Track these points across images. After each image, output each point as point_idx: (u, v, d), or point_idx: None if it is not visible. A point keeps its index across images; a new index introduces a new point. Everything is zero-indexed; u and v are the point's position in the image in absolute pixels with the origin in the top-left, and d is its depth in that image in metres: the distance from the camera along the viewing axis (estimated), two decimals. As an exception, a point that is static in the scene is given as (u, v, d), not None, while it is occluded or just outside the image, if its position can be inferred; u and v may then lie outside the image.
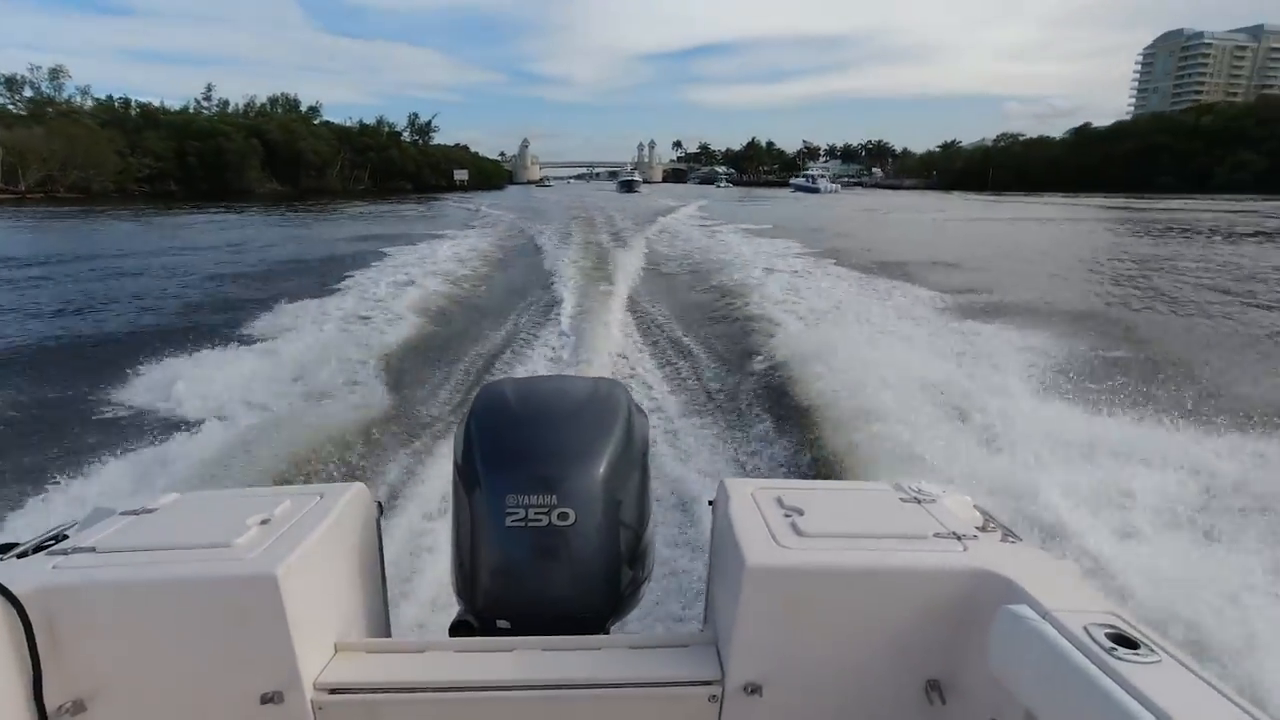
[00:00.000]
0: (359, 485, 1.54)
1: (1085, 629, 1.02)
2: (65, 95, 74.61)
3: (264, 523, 1.35)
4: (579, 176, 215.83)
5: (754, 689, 1.28)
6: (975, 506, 1.51)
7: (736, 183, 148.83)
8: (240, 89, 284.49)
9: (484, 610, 1.42)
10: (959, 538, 1.31)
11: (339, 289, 12.04)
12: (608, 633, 1.46)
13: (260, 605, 1.19)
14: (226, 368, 6.84)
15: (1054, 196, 71.86)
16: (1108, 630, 1.01)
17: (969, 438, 4.71)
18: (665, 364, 7.74)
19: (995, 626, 1.12)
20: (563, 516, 1.36)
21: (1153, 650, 0.97)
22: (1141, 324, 10.45)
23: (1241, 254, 19.81)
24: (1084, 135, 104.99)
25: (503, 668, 1.30)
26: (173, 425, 5.36)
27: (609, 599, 1.43)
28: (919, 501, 1.46)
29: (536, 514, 1.35)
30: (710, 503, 1.60)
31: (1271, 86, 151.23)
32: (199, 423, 5.28)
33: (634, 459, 1.49)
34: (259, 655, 1.22)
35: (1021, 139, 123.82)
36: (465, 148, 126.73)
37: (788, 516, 1.37)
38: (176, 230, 28.91)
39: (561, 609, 1.39)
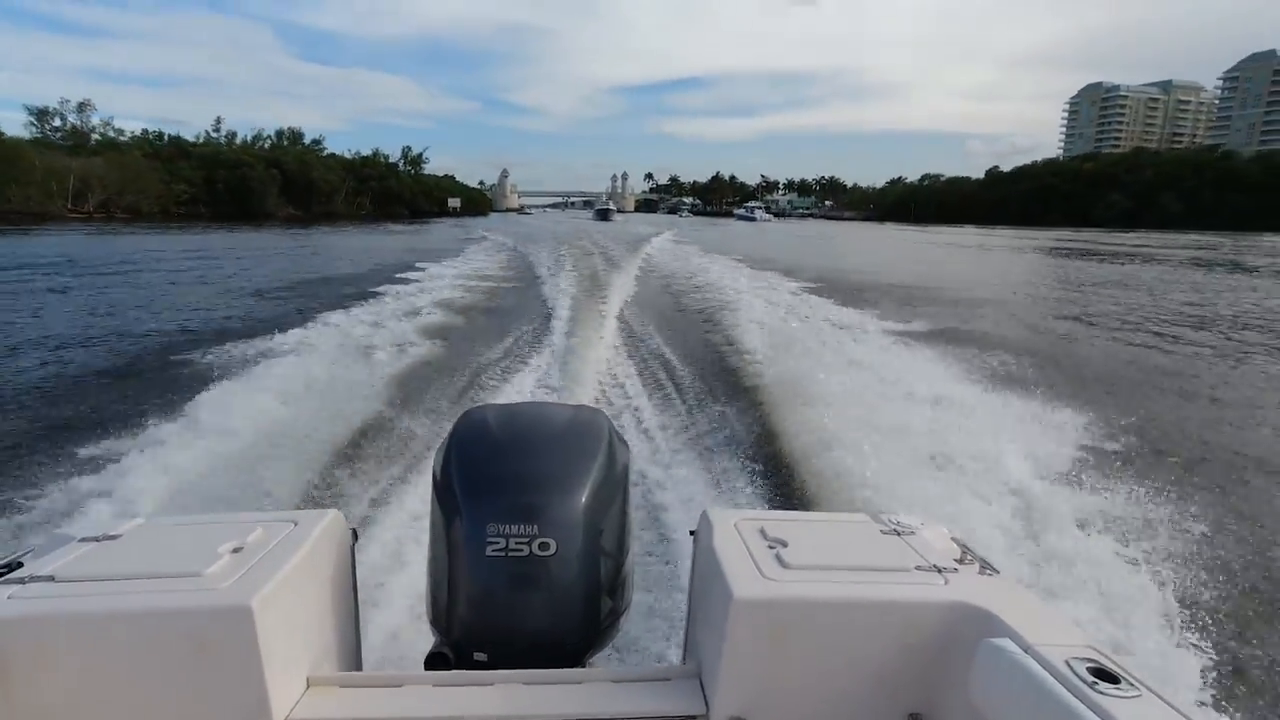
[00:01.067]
0: (334, 512, 1.52)
1: (1067, 663, 1.02)
2: (90, 124, 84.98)
3: (236, 551, 1.30)
4: (554, 205, 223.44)
5: None
6: (953, 538, 1.53)
7: (698, 212, 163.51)
8: (209, 111, 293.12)
9: (460, 641, 1.39)
10: (939, 570, 1.32)
11: (337, 308, 12.29)
12: (585, 665, 1.44)
13: (232, 638, 1.14)
14: (209, 388, 6.46)
15: (966, 227, 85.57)
16: (1089, 664, 1.02)
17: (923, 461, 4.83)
18: (649, 387, 7.76)
19: (977, 659, 1.13)
20: (544, 546, 1.34)
21: (1133, 685, 0.98)
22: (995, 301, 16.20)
23: (1099, 270, 28.10)
24: (992, 176, 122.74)
25: (483, 702, 1.26)
26: (140, 446, 5.00)
27: (588, 630, 1.41)
28: (898, 533, 1.47)
29: (518, 543, 1.33)
30: (691, 533, 1.60)
31: (1181, 134, 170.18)
32: (164, 444, 4.95)
33: (615, 488, 1.49)
34: (229, 691, 1.16)
35: (943, 178, 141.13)
36: (451, 177, 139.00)
37: (771, 548, 1.36)
38: (227, 245, 33.48)
39: (540, 640, 1.37)
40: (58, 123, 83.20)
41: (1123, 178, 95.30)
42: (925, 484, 4.39)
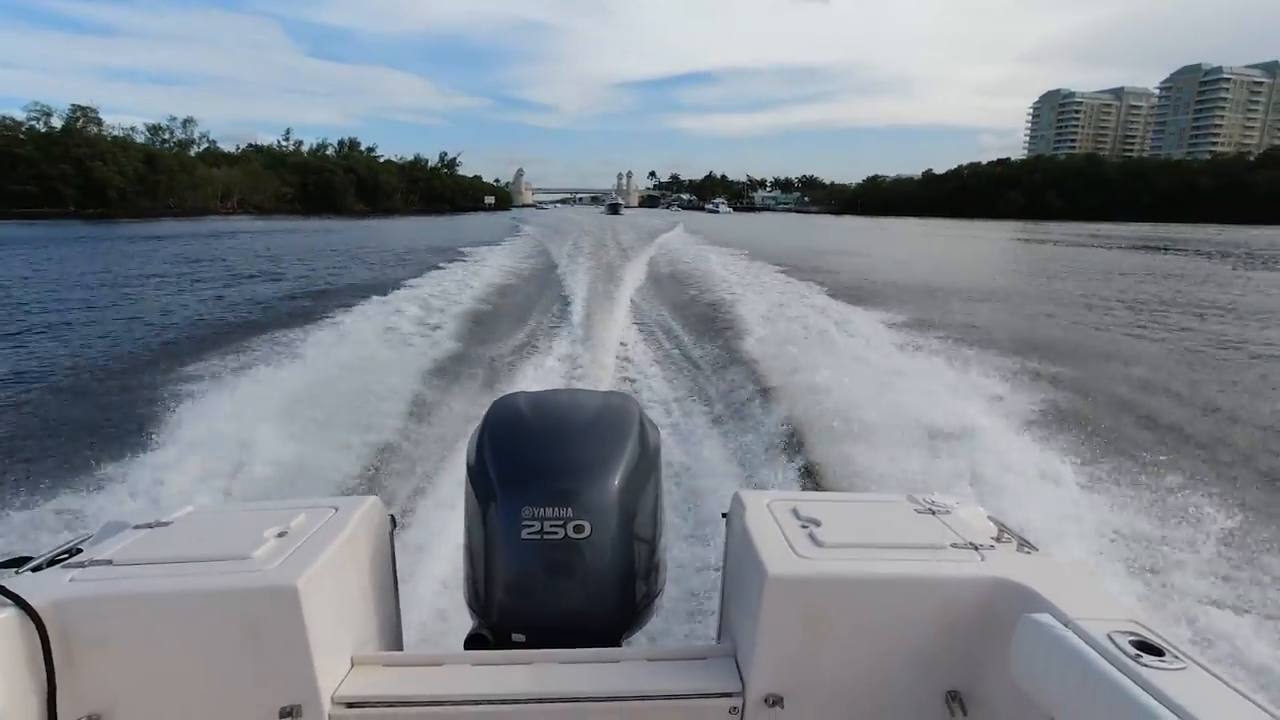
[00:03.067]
0: (373, 498, 1.57)
1: (1109, 636, 1.01)
2: (193, 136, 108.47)
3: (281, 535, 1.35)
4: (563, 201, 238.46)
5: (775, 700, 1.28)
6: (990, 517, 1.54)
7: (688, 207, 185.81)
8: (222, 109, 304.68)
9: (499, 623, 1.42)
10: (976, 548, 1.32)
11: (376, 298, 12.55)
12: (620, 645, 1.47)
13: (280, 618, 1.18)
14: (256, 383, 6.50)
15: (905, 218, 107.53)
16: (1131, 638, 1.01)
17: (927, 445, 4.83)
18: (670, 369, 7.98)
19: (1017, 635, 1.11)
20: (578, 529, 1.36)
21: (1178, 657, 0.97)
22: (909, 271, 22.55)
23: (993, 247, 41.32)
24: (927, 177, 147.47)
25: (521, 681, 1.29)
26: (184, 437, 5.14)
27: (624, 612, 1.44)
28: (934, 513, 1.47)
29: (552, 527, 1.35)
30: (724, 515, 1.61)
31: (1132, 137, 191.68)
32: (209, 437, 5.02)
33: (647, 472, 1.51)
34: (277, 669, 1.21)
35: (890, 178, 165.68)
36: (479, 178, 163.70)
37: (805, 527, 1.37)
38: (326, 233, 45.60)
39: (576, 622, 1.40)
40: (164, 135, 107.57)
41: (1021, 180, 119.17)
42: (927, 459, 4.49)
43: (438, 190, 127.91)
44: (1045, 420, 6.10)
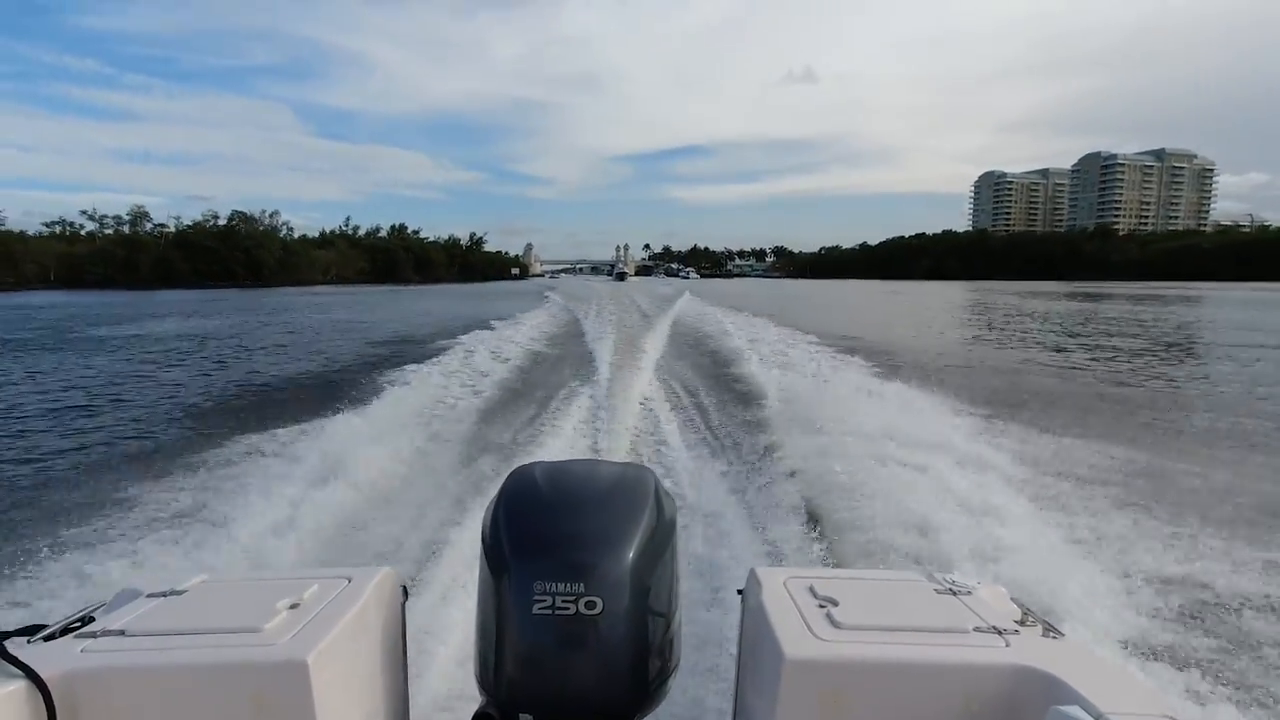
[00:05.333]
0: (387, 569, 1.56)
1: None
2: (278, 222, 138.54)
3: (293, 607, 1.34)
4: (565, 271, 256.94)
5: None
6: (1012, 599, 1.50)
7: (671, 274, 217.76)
8: (232, 187, 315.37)
9: (506, 701, 1.37)
10: (1000, 632, 1.27)
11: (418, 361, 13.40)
12: None
13: (289, 693, 1.17)
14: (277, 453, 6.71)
15: (845, 280, 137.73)
16: None
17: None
18: (687, 435, 7.93)
19: None
20: (590, 605, 1.30)
21: None
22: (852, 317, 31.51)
23: (905, 297, 56.45)
24: (865, 248, 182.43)
25: None
26: (199, 507, 5.19)
27: (636, 691, 1.37)
28: (954, 593, 1.44)
29: (564, 602, 1.30)
30: (739, 592, 1.59)
31: (1059, 210, 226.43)
32: (224, 506, 5.04)
33: (662, 546, 1.46)
34: None
35: (840, 249, 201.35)
36: (502, 253, 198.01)
37: (822, 607, 1.34)
38: (395, 297, 58.76)
39: (587, 702, 1.34)
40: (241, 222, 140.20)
41: (929, 249, 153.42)
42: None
43: (472, 263, 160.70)
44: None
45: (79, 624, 1.35)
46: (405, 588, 1.62)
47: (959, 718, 1.19)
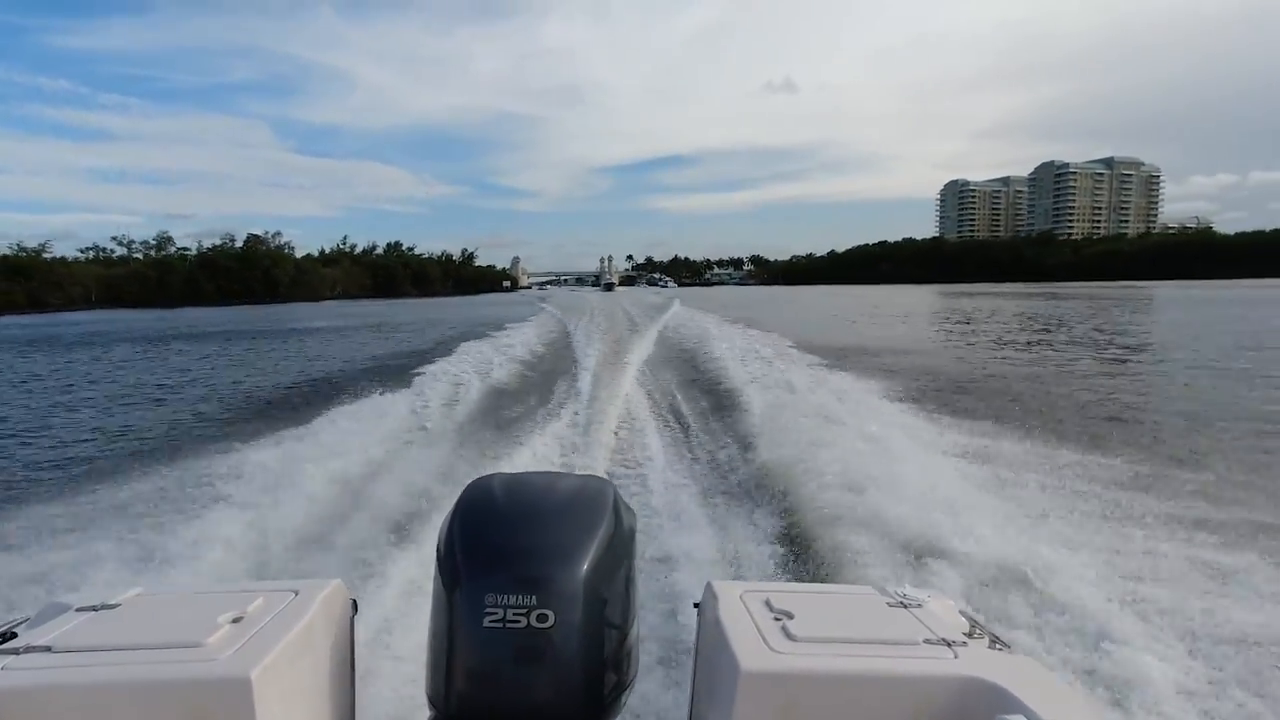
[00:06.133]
0: (336, 581, 1.53)
1: None
2: (280, 242, 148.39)
3: (236, 621, 1.29)
4: (551, 282, 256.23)
5: None
6: (961, 611, 1.53)
7: (649, 284, 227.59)
8: (211, 205, 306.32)
9: (457, 716, 1.35)
10: (949, 644, 1.30)
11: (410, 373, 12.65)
12: None
13: (231, 710, 1.12)
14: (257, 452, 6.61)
15: (814, 286, 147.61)
16: None
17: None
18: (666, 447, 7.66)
19: None
20: (542, 618, 1.29)
21: None
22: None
23: (839, 299, 61.74)
24: (834, 255, 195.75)
25: None
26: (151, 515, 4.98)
27: (591, 705, 1.37)
28: (905, 606, 1.47)
29: (515, 614, 1.29)
30: (696, 605, 1.60)
31: (1021, 216, 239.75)
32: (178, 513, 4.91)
33: (619, 558, 1.47)
34: None
35: (813, 255, 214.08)
36: (492, 267, 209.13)
37: (778, 620, 1.36)
38: (393, 307, 67.98)
39: (540, 716, 1.32)
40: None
41: (891, 255, 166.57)
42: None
43: (464, 277, 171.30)
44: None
45: (0, 640, 1.27)
46: (355, 601, 1.59)
47: None
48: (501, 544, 1.38)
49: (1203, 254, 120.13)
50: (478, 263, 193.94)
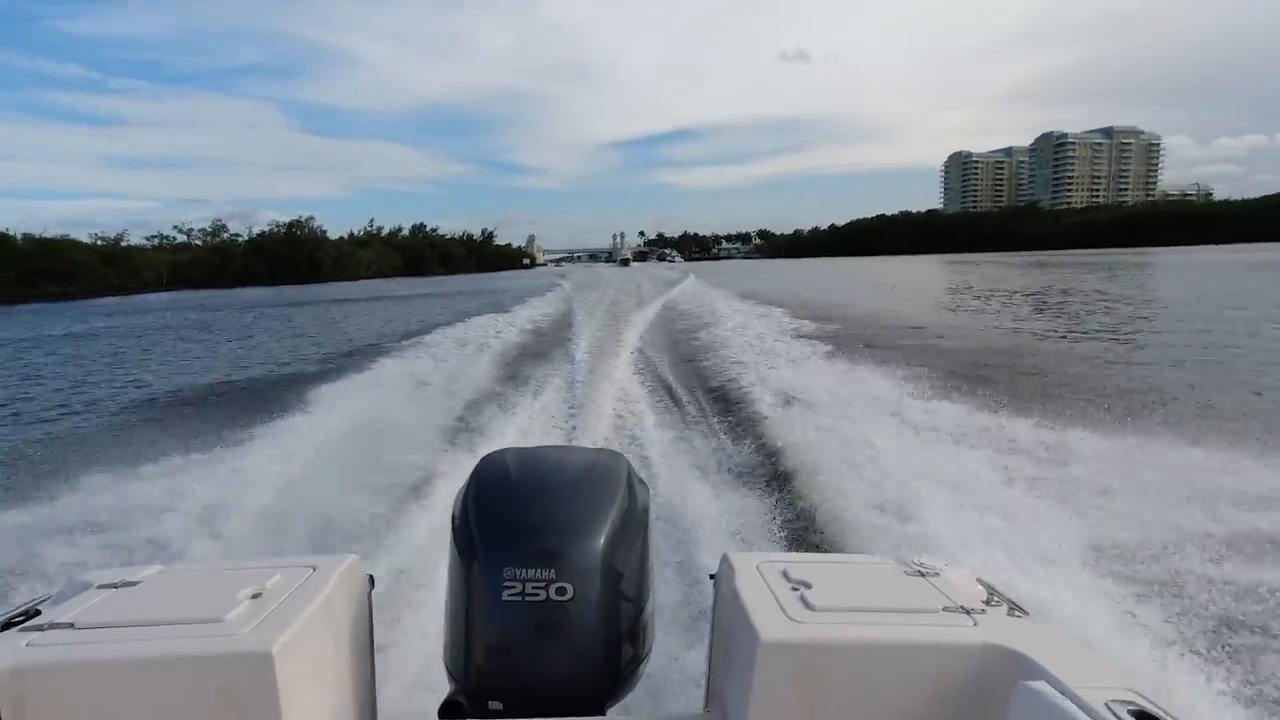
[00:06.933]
0: (353, 557, 1.54)
1: (1107, 705, 1.01)
2: (314, 225, 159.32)
3: (255, 597, 1.31)
4: (565, 259, 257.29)
5: None
6: (978, 580, 1.54)
7: (660, 259, 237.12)
8: (225, 188, 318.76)
9: (476, 690, 1.37)
10: (968, 612, 1.31)
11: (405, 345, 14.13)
12: (605, 713, 1.42)
13: (253, 685, 1.14)
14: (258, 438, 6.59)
15: (818, 258, 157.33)
16: (1130, 707, 1.01)
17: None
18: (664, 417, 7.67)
19: (1014, 704, 1.11)
20: (561, 591, 1.31)
21: None
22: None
23: (822, 267, 78.40)
24: (834, 229, 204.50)
25: None
26: (155, 493, 5.02)
27: (608, 678, 1.39)
28: (923, 575, 1.48)
29: (534, 588, 1.31)
30: (711, 577, 1.61)
31: (1023, 187, 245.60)
32: (195, 478, 5.13)
33: (634, 532, 1.48)
34: None
35: (814, 230, 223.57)
36: (509, 245, 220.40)
37: (795, 590, 1.37)
38: (419, 283, 78.10)
39: (558, 689, 1.34)
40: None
41: (886, 229, 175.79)
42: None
43: (486, 256, 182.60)
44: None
45: (23, 617, 1.29)
46: (371, 576, 1.61)
47: (930, 695, 1.23)
48: (518, 518, 1.40)
49: (1178, 222, 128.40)
50: (496, 242, 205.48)
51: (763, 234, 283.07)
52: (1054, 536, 3.84)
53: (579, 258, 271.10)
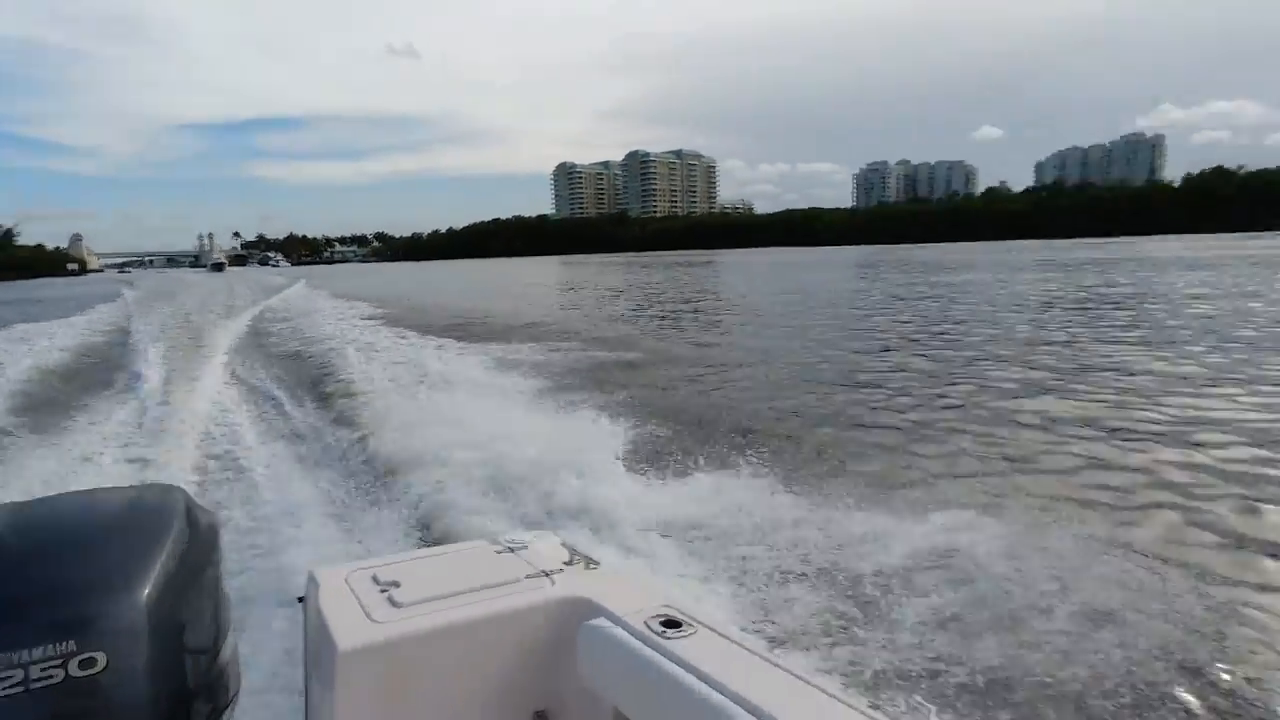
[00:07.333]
0: None
1: (645, 622, 1.20)
2: None
3: None
4: (133, 264, 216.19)
5: None
6: (563, 544, 1.65)
7: (262, 263, 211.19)
8: None
9: None
10: (547, 574, 1.43)
11: None
12: None
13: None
14: None
15: (436, 261, 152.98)
16: (661, 619, 1.21)
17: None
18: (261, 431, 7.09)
19: (579, 642, 1.25)
20: (87, 664, 1.06)
21: (691, 626, 1.19)
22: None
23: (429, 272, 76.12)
24: (453, 232, 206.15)
25: None
26: None
27: None
28: (512, 550, 1.57)
29: (45, 670, 1.04)
30: (300, 599, 1.57)
31: (619, 196, 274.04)
32: None
33: (197, 571, 1.29)
34: None
35: (433, 233, 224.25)
36: (41, 246, 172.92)
37: (384, 591, 1.38)
38: None
39: None
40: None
41: (499, 232, 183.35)
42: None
43: (4, 261, 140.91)
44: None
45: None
46: None
47: (516, 654, 1.35)
48: (14, 592, 1.12)
49: (731, 231, 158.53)
50: (20, 241, 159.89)
51: (380, 236, 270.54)
52: (631, 500, 4.35)
53: (152, 263, 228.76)
